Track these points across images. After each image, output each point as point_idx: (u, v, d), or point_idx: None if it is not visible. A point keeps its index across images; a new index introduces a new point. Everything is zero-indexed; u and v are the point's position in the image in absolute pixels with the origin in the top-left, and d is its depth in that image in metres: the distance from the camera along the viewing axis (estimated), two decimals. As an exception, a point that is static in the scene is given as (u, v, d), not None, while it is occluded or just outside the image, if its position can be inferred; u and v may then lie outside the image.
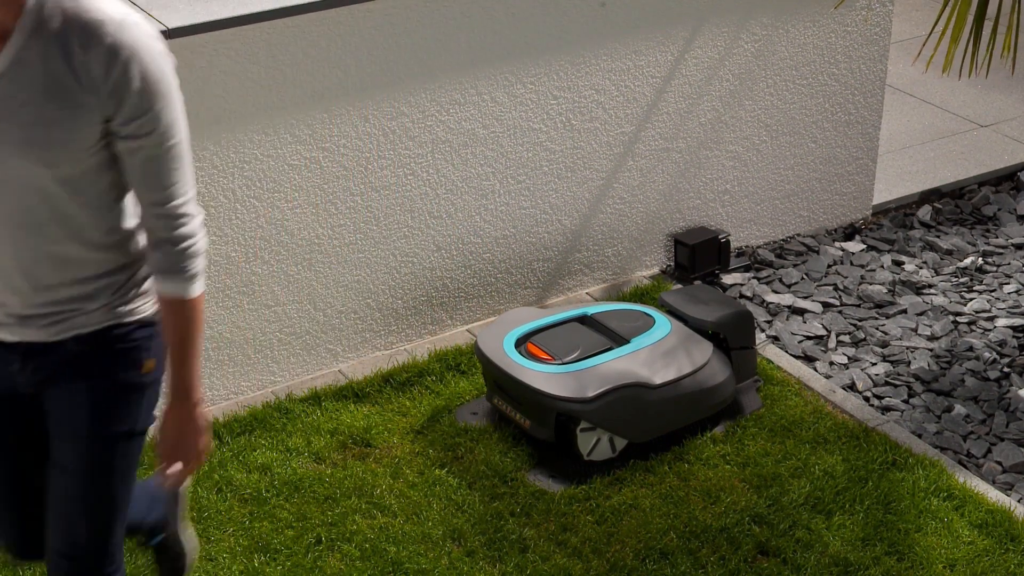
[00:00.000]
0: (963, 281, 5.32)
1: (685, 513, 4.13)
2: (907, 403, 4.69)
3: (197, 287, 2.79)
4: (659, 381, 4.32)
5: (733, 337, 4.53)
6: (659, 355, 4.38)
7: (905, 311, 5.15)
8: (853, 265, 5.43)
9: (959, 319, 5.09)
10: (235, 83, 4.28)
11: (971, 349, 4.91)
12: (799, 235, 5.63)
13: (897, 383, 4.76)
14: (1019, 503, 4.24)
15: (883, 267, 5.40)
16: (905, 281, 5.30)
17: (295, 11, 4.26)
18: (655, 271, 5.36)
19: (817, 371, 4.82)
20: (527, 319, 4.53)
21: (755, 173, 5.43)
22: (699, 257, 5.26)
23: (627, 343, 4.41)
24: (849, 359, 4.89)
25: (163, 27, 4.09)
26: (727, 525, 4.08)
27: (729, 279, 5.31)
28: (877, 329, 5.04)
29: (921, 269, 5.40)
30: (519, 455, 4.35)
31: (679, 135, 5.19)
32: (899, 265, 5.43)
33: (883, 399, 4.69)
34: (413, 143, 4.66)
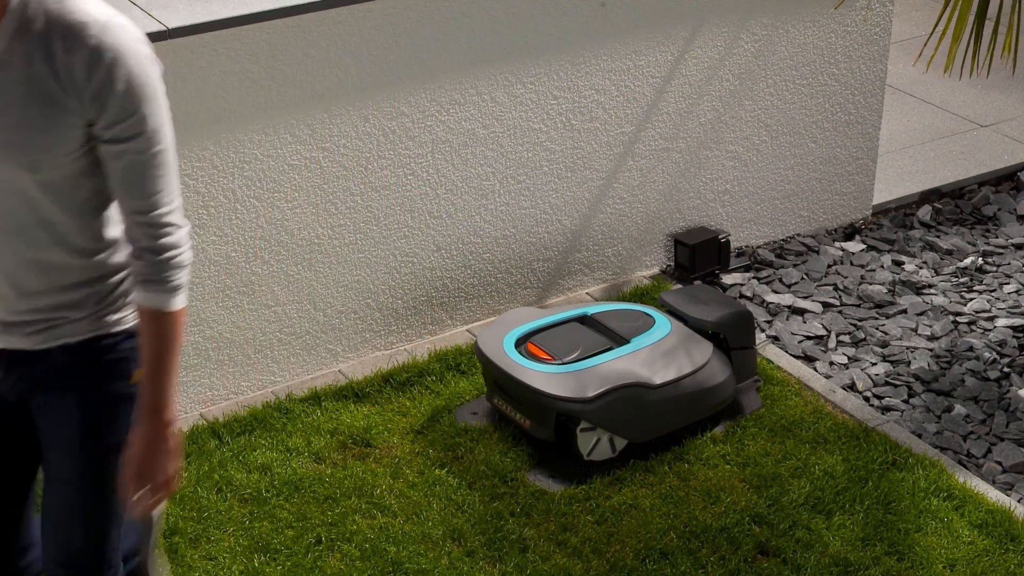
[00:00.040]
0: (963, 281, 5.32)
1: (685, 513, 4.12)
2: (907, 403, 4.69)
3: (178, 301, 2.70)
4: (659, 381, 4.32)
5: (733, 337, 4.53)
6: (659, 355, 4.37)
7: (905, 311, 5.14)
8: (853, 265, 5.42)
9: (959, 319, 5.09)
10: (235, 83, 4.28)
11: (971, 349, 4.91)
12: (799, 235, 5.63)
13: (897, 383, 4.76)
14: (1019, 503, 4.24)
15: (883, 267, 5.40)
16: (905, 281, 5.30)
17: (295, 11, 4.26)
18: (655, 271, 5.36)
19: (817, 371, 4.82)
20: (527, 319, 4.52)
21: (755, 173, 5.43)
22: (699, 257, 5.26)
23: (627, 343, 4.41)
24: (849, 359, 4.89)
25: (163, 27, 4.09)
26: (727, 525, 4.08)
27: (729, 279, 5.31)
28: (877, 329, 5.04)
29: (921, 269, 5.39)
30: (519, 455, 4.35)
31: (679, 135, 5.19)
32: (899, 265, 5.43)
33: (883, 399, 4.69)
34: (413, 143, 4.66)
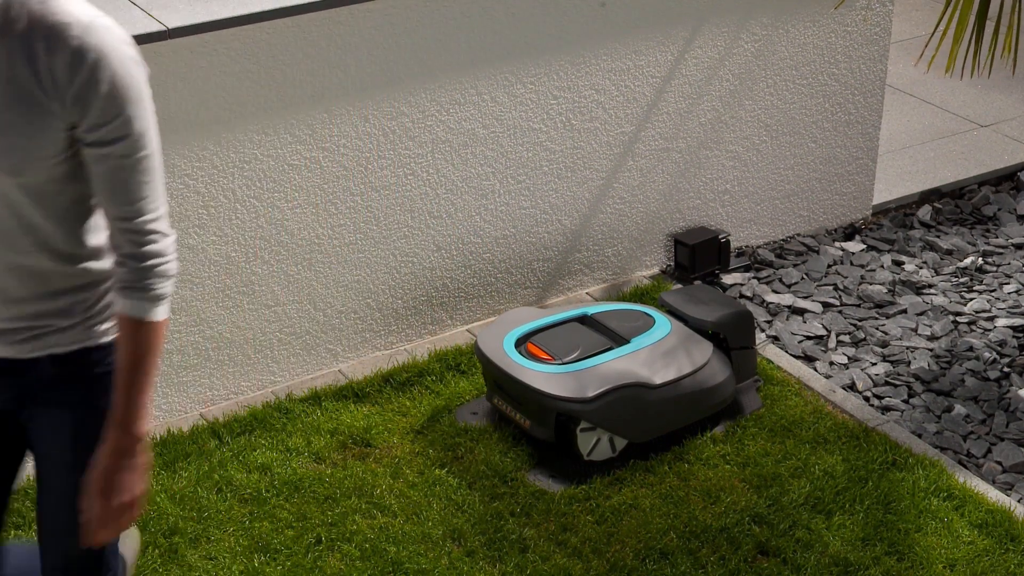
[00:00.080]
0: (963, 281, 5.32)
1: (685, 513, 4.12)
2: (907, 403, 4.68)
3: (159, 311, 2.62)
4: (659, 381, 4.32)
5: (733, 337, 4.53)
6: (659, 355, 4.37)
7: (905, 311, 5.14)
8: (853, 265, 5.42)
9: (959, 319, 5.09)
10: (235, 83, 4.28)
11: (971, 349, 4.91)
12: (799, 235, 5.63)
13: (897, 383, 4.76)
14: (1019, 503, 4.24)
15: (883, 267, 5.40)
16: (905, 281, 5.30)
17: (295, 11, 4.26)
18: (655, 271, 5.36)
19: (817, 371, 4.82)
20: (527, 319, 4.52)
21: (755, 173, 5.43)
22: (699, 257, 5.26)
23: (627, 343, 4.41)
24: (849, 359, 4.89)
25: (163, 27, 4.09)
26: (727, 525, 4.08)
27: (729, 279, 5.31)
28: (877, 329, 5.04)
29: (921, 269, 5.39)
30: (519, 455, 4.35)
31: (679, 135, 5.19)
32: (899, 265, 5.43)
33: (883, 399, 4.69)
34: (413, 143, 4.66)
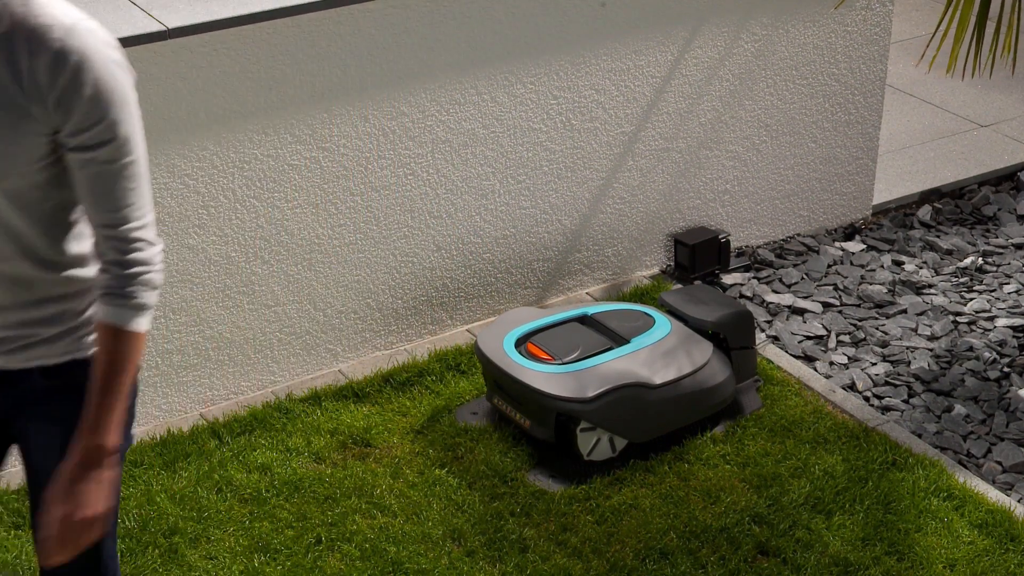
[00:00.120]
0: (963, 281, 5.32)
1: (685, 513, 4.12)
2: (907, 403, 4.68)
3: (140, 322, 2.54)
4: (659, 381, 4.32)
5: (733, 337, 4.53)
6: (659, 355, 4.37)
7: (905, 311, 5.14)
8: (853, 265, 5.42)
9: (959, 319, 5.09)
10: (235, 83, 4.28)
11: (971, 349, 4.91)
12: (799, 235, 5.63)
13: (897, 383, 4.76)
14: (1019, 503, 4.24)
15: (883, 267, 5.40)
16: (905, 281, 5.30)
17: (295, 11, 4.26)
18: (655, 271, 5.36)
19: (817, 371, 4.82)
20: (527, 319, 4.52)
21: (755, 173, 5.43)
22: (699, 257, 5.26)
23: (627, 343, 4.41)
24: (849, 359, 4.89)
25: (163, 27, 4.09)
26: (727, 525, 4.08)
27: (729, 279, 5.31)
28: (877, 329, 5.04)
29: (921, 269, 5.39)
30: (519, 455, 4.35)
31: (679, 135, 5.18)
32: (899, 265, 5.43)
33: (883, 399, 4.69)
34: (413, 143, 4.66)
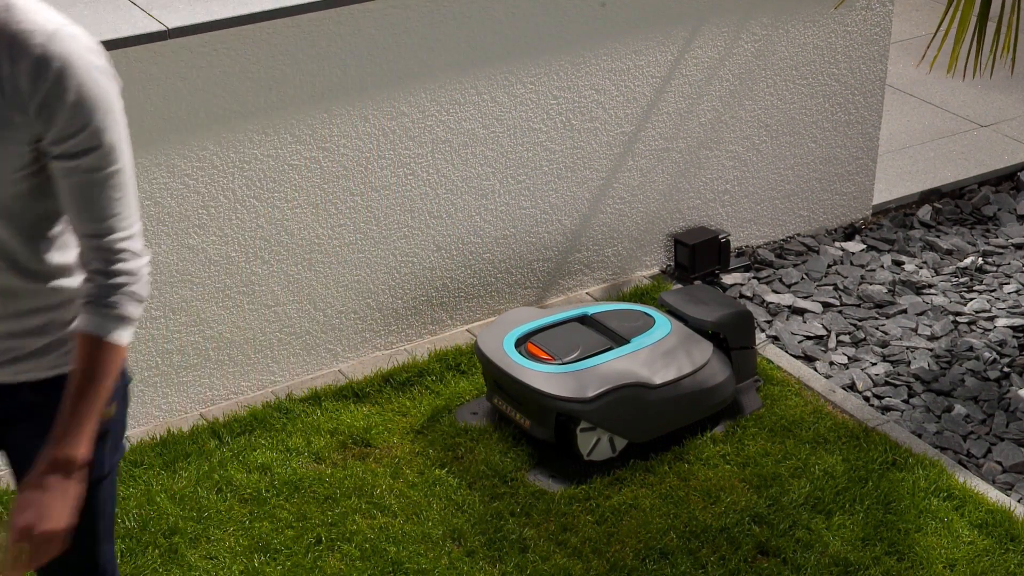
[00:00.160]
0: (963, 281, 5.32)
1: (685, 513, 4.12)
2: (907, 403, 4.68)
3: (121, 334, 2.47)
4: (659, 381, 4.32)
5: (733, 337, 4.53)
6: (659, 355, 4.37)
7: (905, 311, 5.14)
8: (853, 265, 5.42)
9: (959, 319, 5.09)
10: (235, 83, 4.28)
11: (971, 349, 4.91)
12: (799, 235, 5.63)
13: (897, 383, 4.76)
14: (1019, 503, 4.24)
15: (883, 267, 5.40)
16: (905, 281, 5.30)
17: (295, 11, 4.26)
18: (655, 271, 5.36)
19: (817, 371, 4.82)
20: (527, 319, 4.52)
21: (755, 173, 5.43)
22: (699, 257, 5.26)
23: (627, 343, 4.41)
24: (849, 359, 4.89)
25: (163, 27, 4.09)
26: (727, 525, 4.08)
27: (729, 279, 5.31)
28: (877, 329, 5.04)
29: (921, 269, 5.39)
30: (519, 455, 4.35)
31: (679, 135, 5.18)
32: (899, 265, 5.43)
33: (883, 399, 4.69)
34: (413, 143, 4.66)
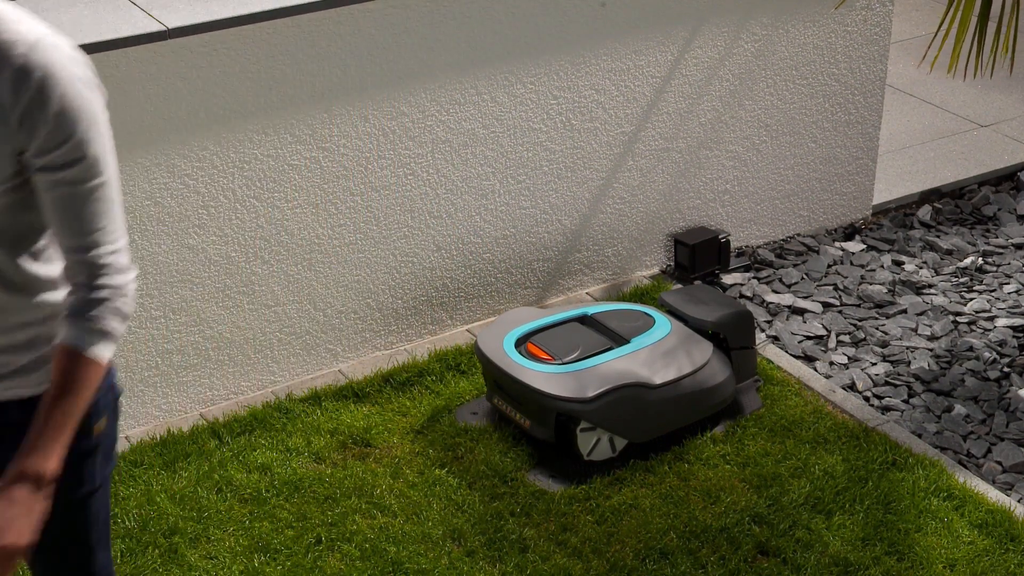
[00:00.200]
0: (963, 281, 5.32)
1: (685, 513, 4.12)
2: (907, 403, 4.68)
3: (101, 350, 2.41)
4: (659, 381, 4.32)
5: (733, 337, 4.53)
6: (659, 355, 4.37)
7: (905, 311, 5.14)
8: (853, 265, 5.42)
9: (959, 319, 5.09)
10: (235, 83, 4.28)
11: (971, 349, 4.91)
12: (799, 235, 5.63)
13: (897, 383, 4.76)
14: (1019, 503, 4.24)
15: (883, 267, 5.40)
16: (905, 281, 5.30)
17: (295, 11, 4.26)
18: (655, 271, 5.36)
19: (817, 371, 4.82)
20: (527, 319, 4.52)
21: (755, 173, 5.43)
22: (699, 257, 5.26)
23: (627, 343, 4.41)
24: (849, 359, 4.89)
25: (163, 27, 4.09)
26: (727, 525, 4.08)
27: (729, 279, 5.31)
28: (877, 329, 5.04)
29: (921, 269, 5.39)
30: (519, 455, 4.35)
31: (679, 135, 5.18)
32: (899, 265, 5.43)
33: (883, 399, 4.69)
34: (413, 143, 4.66)
